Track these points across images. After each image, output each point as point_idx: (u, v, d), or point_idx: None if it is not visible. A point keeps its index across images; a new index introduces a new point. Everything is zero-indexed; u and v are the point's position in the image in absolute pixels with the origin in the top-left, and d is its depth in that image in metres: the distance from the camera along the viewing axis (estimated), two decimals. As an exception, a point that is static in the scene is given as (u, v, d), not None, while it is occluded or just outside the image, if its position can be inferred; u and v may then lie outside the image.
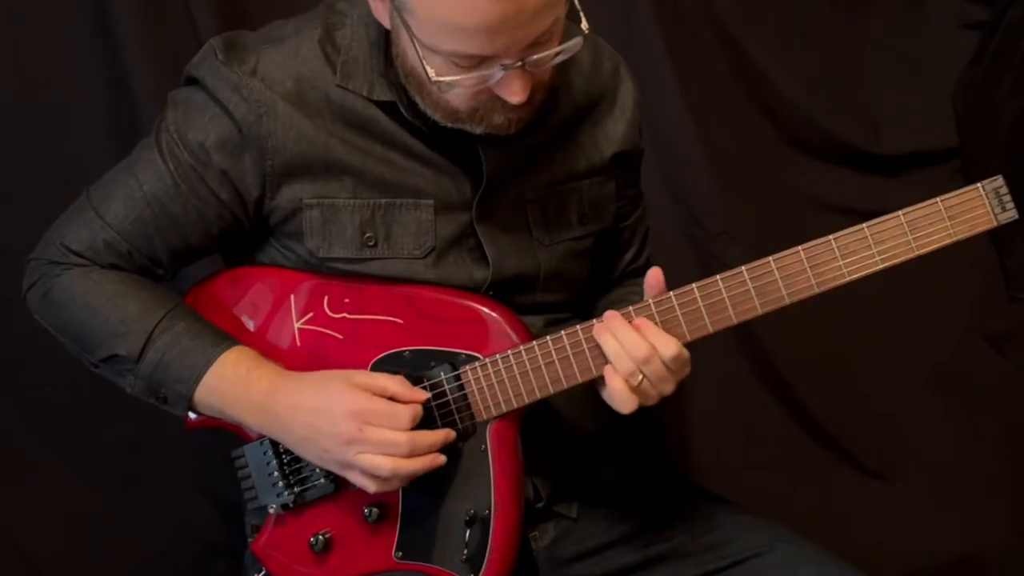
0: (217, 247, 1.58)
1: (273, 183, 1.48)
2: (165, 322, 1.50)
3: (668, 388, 1.41)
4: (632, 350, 1.38)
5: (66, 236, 1.53)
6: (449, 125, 1.43)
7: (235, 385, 1.48)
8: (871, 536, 2.38)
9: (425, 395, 1.46)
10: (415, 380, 1.48)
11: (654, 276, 1.41)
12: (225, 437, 1.60)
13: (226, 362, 1.48)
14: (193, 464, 2.15)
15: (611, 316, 1.41)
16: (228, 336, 1.52)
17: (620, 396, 1.40)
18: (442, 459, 1.44)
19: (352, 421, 1.41)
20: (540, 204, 1.57)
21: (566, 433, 1.61)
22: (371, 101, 1.48)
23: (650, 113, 1.83)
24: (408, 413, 1.42)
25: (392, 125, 1.48)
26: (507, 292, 1.54)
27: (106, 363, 1.52)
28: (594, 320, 1.42)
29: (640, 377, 1.38)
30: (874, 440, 2.46)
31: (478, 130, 1.42)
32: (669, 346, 1.38)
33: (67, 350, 1.56)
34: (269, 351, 1.53)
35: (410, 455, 1.42)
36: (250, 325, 1.56)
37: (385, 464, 1.41)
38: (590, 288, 1.69)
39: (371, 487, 1.44)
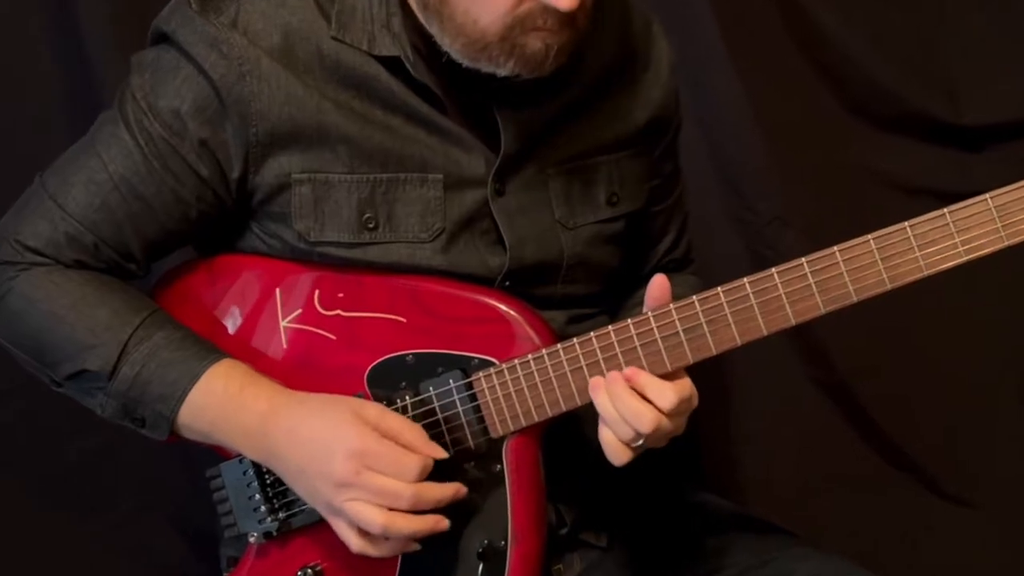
0: (194, 235, 1.58)
1: (257, 155, 1.48)
2: (141, 331, 1.49)
3: (678, 431, 1.43)
4: (635, 421, 1.38)
5: (20, 231, 1.52)
6: (468, 63, 1.43)
7: (226, 405, 1.47)
8: (950, 569, 2.37)
9: (443, 453, 1.44)
10: (418, 389, 1.48)
11: (658, 288, 1.41)
12: (198, 453, 1.59)
13: (215, 378, 1.47)
14: (161, 485, 2.15)
15: (613, 379, 1.40)
16: (215, 347, 1.51)
17: (613, 449, 1.41)
18: (445, 523, 1.43)
19: (351, 461, 1.40)
20: (564, 180, 1.57)
21: (594, 451, 1.59)
22: (371, 56, 1.48)
23: (693, 78, 1.83)
24: (418, 465, 1.41)
25: (395, 84, 1.48)
26: (525, 282, 1.55)
27: (72, 380, 1.51)
28: (629, 321, 1.42)
29: (640, 442, 1.40)
30: (954, 459, 2.46)
31: (504, 68, 1.41)
32: (667, 397, 1.38)
33: (23, 367, 1.55)
34: (250, 354, 1.53)
35: (412, 510, 1.40)
36: (228, 324, 1.56)
37: (376, 518, 1.40)
38: (620, 282, 1.70)
39: (355, 545, 1.43)
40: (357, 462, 1.40)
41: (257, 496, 1.54)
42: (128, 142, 1.50)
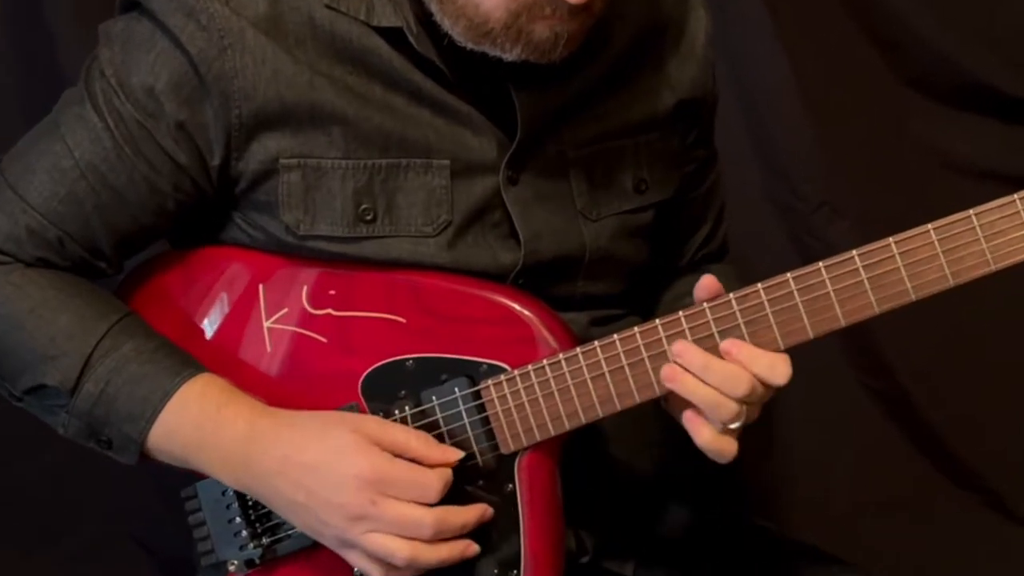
0: (171, 227, 1.58)
1: (241, 139, 1.48)
2: (108, 340, 1.49)
3: (752, 417, 1.42)
4: (733, 387, 1.36)
5: (-25, 226, 1.52)
6: (471, 46, 1.43)
7: (202, 427, 1.47)
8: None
9: (458, 454, 1.45)
10: (419, 399, 1.49)
11: (706, 288, 1.40)
12: (171, 471, 1.59)
13: (189, 396, 1.48)
14: (129, 507, 2.15)
15: (685, 350, 1.39)
16: (192, 360, 1.51)
17: (716, 447, 1.39)
18: (475, 548, 1.45)
19: (364, 491, 1.40)
20: (586, 165, 1.57)
21: (618, 469, 1.62)
22: (370, 27, 1.47)
23: (731, 50, 1.84)
24: (438, 483, 1.42)
25: (397, 59, 1.48)
26: (542, 280, 1.55)
27: (32, 395, 1.52)
28: (657, 321, 1.41)
29: (742, 420, 1.38)
30: (1028, 478, 2.48)
31: (510, 54, 1.42)
32: (778, 368, 1.37)
33: None
34: (230, 359, 1.54)
35: (435, 539, 1.42)
36: (205, 326, 1.56)
37: (401, 550, 1.41)
38: (648, 279, 1.70)
39: (376, 575, 1.45)
40: (371, 491, 1.40)
41: (238, 519, 1.54)
42: (96, 124, 1.49)
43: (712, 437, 1.39)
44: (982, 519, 2.47)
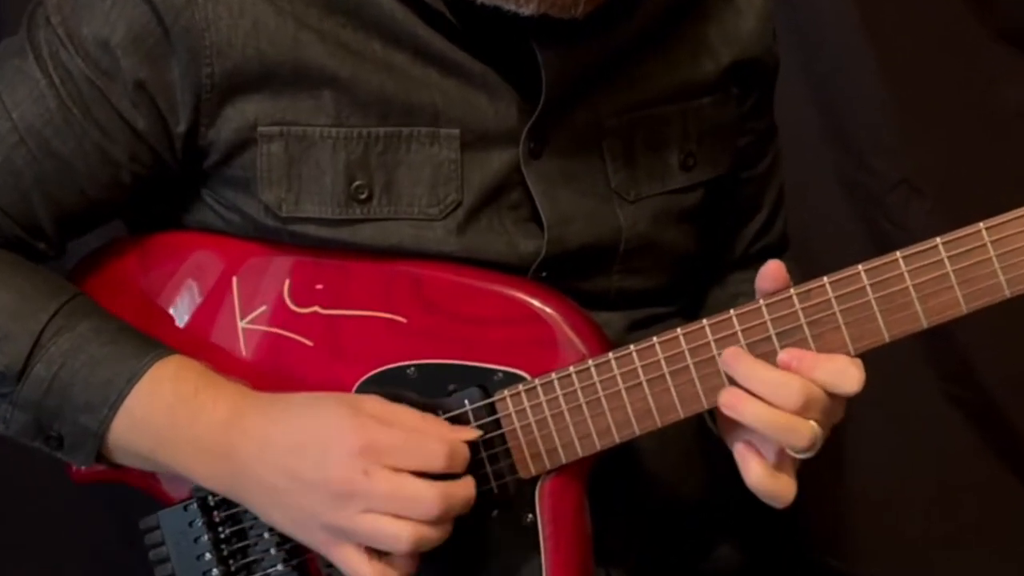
0: (125, 205, 1.58)
1: (212, 102, 1.48)
2: (60, 319, 1.49)
3: (836, 418, 1.42)
4: (784, 396, 1.35)
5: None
6: (486, 1, 1.43)
7: (177, 413, 1.46)
8: None
9: (475, 433, 1.44)
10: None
11: (771, 279, 1.40)
12: (127, 498, 1.59)
13: (161, 378, 1.47)
14: (77, 539, 2.16)
15: (734, 356, 1.39)
16: (157, 342, 1.51)
17: (768, 486, 1.40)
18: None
19: (354, 460, 1.38)
20: (623, 136, 1.57)
21: (657, 496, 1.63)
22: (368, -27, 1.48)
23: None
24: (444, 446, 1.40)
25: (399, 10, 1.48)
26: (569, 273, 1.55)
27: None
28: (704, 322, 1.41)
29: (809, 443, 1.37)
30: None
31: (526, 8, 1.41)
32: (849, 373, 1.37)
33: None
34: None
35: (441, 519, 1.40)
36: (168, 325, 1.56)
37: (404, 530, 1.38)
38: (696, 274, 1.71)
39: (368, 574, 1.42)
40: (363, 460, 1.38)
41: (208, 555, 1.53)
42: (39, 81, 1.49)
43: (763, 474, 1.40)
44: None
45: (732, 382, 1.38)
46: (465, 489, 1.42)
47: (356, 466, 1.38)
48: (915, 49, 2.40)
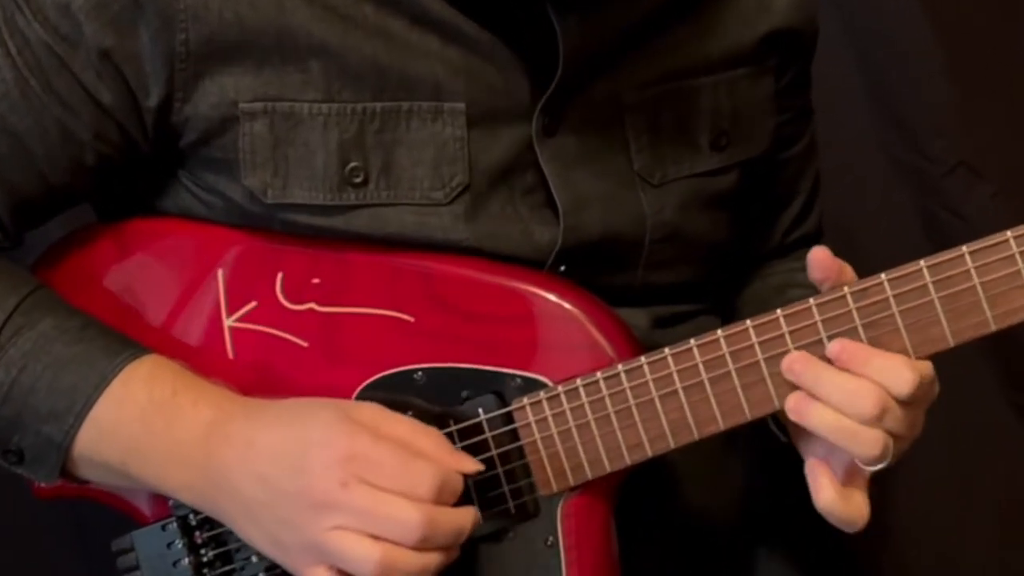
0: (91, 190, 1.57)
1: (187, 73, 1.46)
2: (20, 317, 1.47)
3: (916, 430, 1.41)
4: (856, 405, 1.35)
5: None
6: None
7: (150, 419, 1.44)
8: None
9: (476, 465, 1.42)
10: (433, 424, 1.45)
11: (819, 268, 1.39)
12: (97, 516, 1.59)
13: (133, 380, 1.45)
14: (40, 564, 2.18)
15: (800, 359, 1.38)
16: (129, 340, 1.49)
17: (840, 510, 1.39)
18: (455, 553, 1.41)
19: (334, 469, 1.36)
20: (648, 113, 1.56)
21: (691, 517, 1.63)
22: (357, -73, 1.44)
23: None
24: (434, 474, 1.37)
25: None
26: (589, 265, 1.54)
27: None
28: (748, 323, 1.40)
29: (883, 453, 1.36)
30: None
31: None
32: (902, 375, 1.35)
33: None
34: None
35: (421, 545, 1.36)
36: (145, 323, 1.55)
37: (371, 552, 1.35)
38: (728, 267, 1.72)
39: None
40: (343, 470, 1.36)
41: (187, 578, 1.46)
42: (-7, 53, 1.46)
43: (833, 495, 1.39)
44: None
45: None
46: (459, 517, 1.39)
47: (334, 476, 1.36)
48: (975, 19, 2.41)
